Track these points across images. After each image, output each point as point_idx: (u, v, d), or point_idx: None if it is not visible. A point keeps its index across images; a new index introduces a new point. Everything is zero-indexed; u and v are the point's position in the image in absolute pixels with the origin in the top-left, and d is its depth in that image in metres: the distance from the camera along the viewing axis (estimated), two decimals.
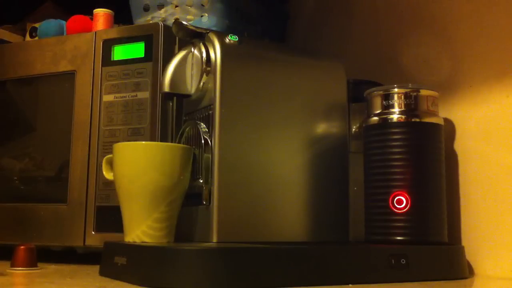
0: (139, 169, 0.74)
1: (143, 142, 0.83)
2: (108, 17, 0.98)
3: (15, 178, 0.98)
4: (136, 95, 0.87)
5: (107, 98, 0.89)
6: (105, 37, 0.92)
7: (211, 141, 0.77)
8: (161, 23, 0.88)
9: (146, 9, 1.00)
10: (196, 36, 0.82)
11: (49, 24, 1.03)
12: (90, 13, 1.00)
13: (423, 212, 0.79)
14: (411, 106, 0.81)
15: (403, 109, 0.81)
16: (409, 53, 0.97)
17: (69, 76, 0.93)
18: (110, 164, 0.77)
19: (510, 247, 0.80)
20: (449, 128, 0.88)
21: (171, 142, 0.85)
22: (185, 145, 0.79)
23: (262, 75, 0.81)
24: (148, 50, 0.88)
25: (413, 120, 0.81)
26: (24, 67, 0.98)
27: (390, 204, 0.79)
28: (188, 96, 0.82)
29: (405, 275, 0.72)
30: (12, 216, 0.94)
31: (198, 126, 0.79)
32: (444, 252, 0.78)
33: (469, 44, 0.88)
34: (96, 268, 0.76)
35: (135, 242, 0.73)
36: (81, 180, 0.89)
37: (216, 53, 0.78)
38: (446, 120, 0.87)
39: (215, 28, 0.95)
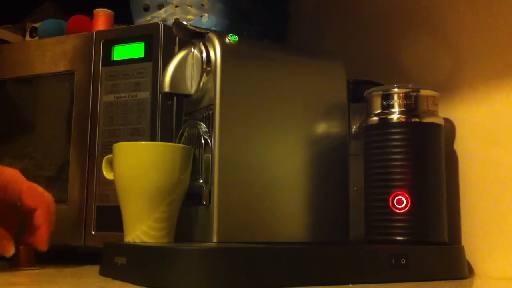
0: (139, 169, 0.74)
1: (143, 142, 0.83)
2: (108, 17, 0.98)
3: None
4: (136, 95, 0.87)
5: (107, 98, 0.89)
6: (105, 37, 0.92)
7: (211, 141, 0.77)
8: (161, 23, 0.88)
9: (146, 9, 1.00)
10: (196, 36, 0.82)
11: (49, 24, 1.03)
12: (90, 13, 1.00)
13: (423, 212, 0.79)
14: (411, 106, 0.81)
15: (403, 109, 0.81)
16: (409, 53, 0.97)
17: (69, 76, 0.93)
18: (110, 164, 0.77)
19: (510, 247, 0.80)
20: (449, 128, 0.88)
21: (171, 142, 0.85)
22: (185, 145, 0.79)
23: (262, 75, 0.81)
24: (148, 50, 0.88)
25: (413, 120, 0.81)
26: (24, 67, 0.98)
27: (390, 204, 0.79)
28: (188, 96, 0.81)
29: (405, 275, 0.72)
30: None
31: (198, 126, 0.79)
32: (444, 252, 0.78)
33: (469, 44, 0.88)
34: (96, 268, 0.76)
35: (135, 242, 0.73)
36: (81, 180, 0.89)
37: (216, 53, 0.78)
38: (446, 120, 0.87)
39: (215, 28, 0.95)
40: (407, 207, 0.78)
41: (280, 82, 0.82)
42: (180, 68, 0.81)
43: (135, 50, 0.89)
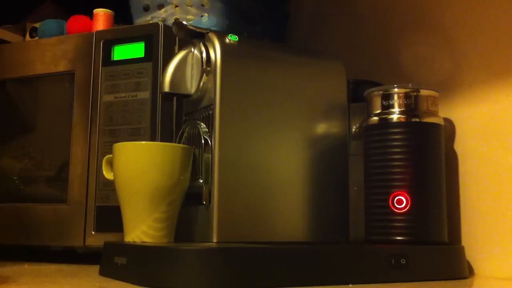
0: (139, 169, 0.74)
1: (143, 142, 0.83)
2: (108, 17, 0.98)
3: (15, 178, 0.98)
4: (136, 95, 0.87)
5: (107, 98, 0.89)
6: (105, 37, 0.92)
7: (211, 141, 0.77)
8: (161, 23, 0.89)
9: (146, 9, 1.00)
10: (196, 36, 0.82)
11: (49, 24, 1.03)
12: (90, 13, 1.00)
13: (423, 212, 0.79)
14: (411, 106, 0.81)
15: (403, 109, 0.81)
16: (409, 53, 0.97)
17: (69, 76, 0.93)
18: (110, 164, 0.77)
19: (510, 247, 0.80)
20: (449, 128, 0.88)
21: (171, 142, 0.85)
22: (185, 145, 0.79)
23: (262, 75, 0.81)
24: (148, 50, 0.88)
25: (413, 120, 0.81)
26: (24, 67, 0.98)
27: (390, 204, 0.79)
28: (188, 96, 0.81)
29: (405, 275, 0.72)
30: (12, 216, 0.94)
31: (198, 126, 0.79)
32: (444, 252, 0.78)
33: (469, 44, 0.88)
34: (96, 268, 0.76)
35: (135, 242, 0.73)
36: (81, 180, 0.89)
37: (216, 53, 0.78)
38: (446, 120, 0.87)
39: (215, 28, 0.95)
40: (407, 207, 0.78)
41: (280, 82, 0.82)
42: (180, 68, 0.81)
43: (135, 50, 0.89)
